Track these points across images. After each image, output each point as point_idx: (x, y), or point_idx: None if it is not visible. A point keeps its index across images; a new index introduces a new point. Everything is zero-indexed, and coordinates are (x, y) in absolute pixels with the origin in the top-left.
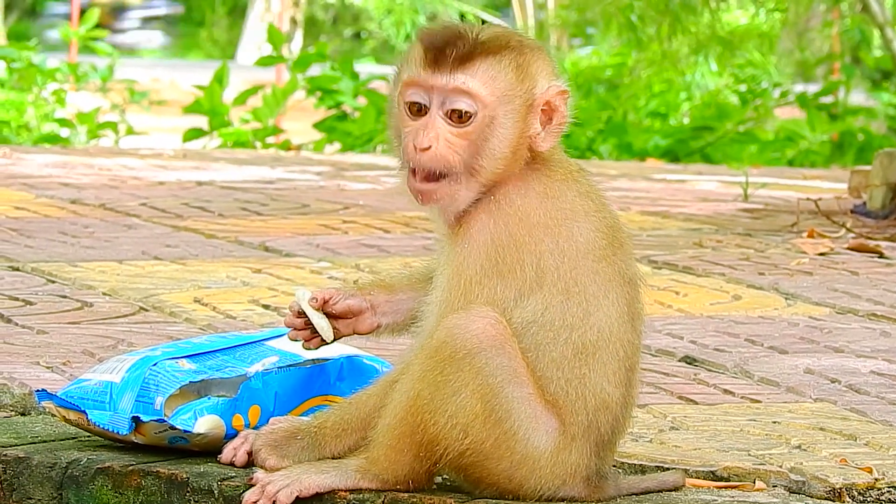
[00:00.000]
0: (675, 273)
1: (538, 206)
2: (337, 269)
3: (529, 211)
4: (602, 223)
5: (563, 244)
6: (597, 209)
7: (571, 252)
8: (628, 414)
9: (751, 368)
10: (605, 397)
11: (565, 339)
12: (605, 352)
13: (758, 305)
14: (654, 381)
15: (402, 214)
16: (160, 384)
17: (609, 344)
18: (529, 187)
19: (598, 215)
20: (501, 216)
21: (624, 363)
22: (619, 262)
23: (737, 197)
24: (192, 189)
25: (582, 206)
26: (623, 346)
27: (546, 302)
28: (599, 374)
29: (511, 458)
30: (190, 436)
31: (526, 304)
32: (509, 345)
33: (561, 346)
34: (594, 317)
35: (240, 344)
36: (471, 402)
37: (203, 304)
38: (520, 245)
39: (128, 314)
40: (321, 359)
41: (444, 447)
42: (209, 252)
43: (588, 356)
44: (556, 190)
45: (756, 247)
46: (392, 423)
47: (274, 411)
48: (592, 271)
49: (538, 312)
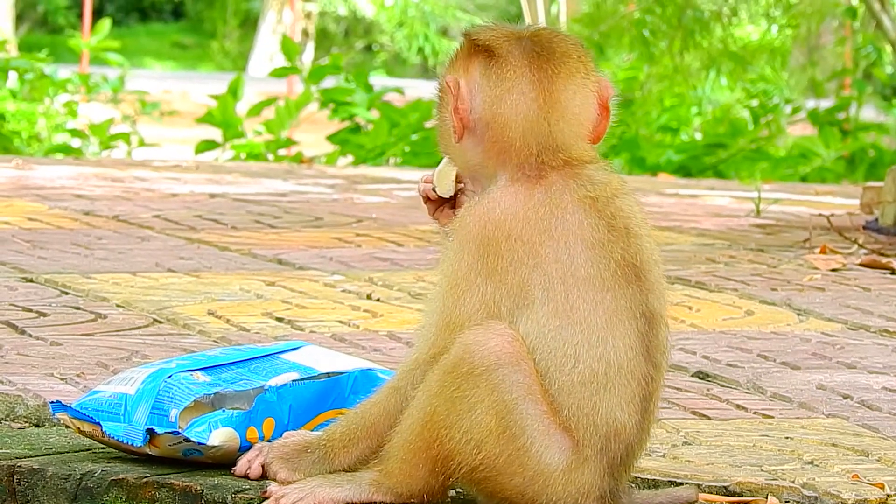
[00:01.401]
0: (687, 288)
1: (523, 216)
2: (350, 283)
3: (512, 218)
4: (610, 254)
5: (549, 265)
6: (609, 239)
7: (560, 274)
8: (644, 438)
9: (763, 384)
10: (617, 426)
11: (570, 369)
12: (617, 383)
13: (770, 321)
14: (666, 395)
15: (416, 228)
16: (175, 396)
17: (620, 376)
18: (524, 196)
19: (607, 245)
20: (487, 215)
21: (638, 393)
22: (630, 295)
23: (749, 212)
24: (205, 201)
25: (579, 232)
26: (637, 378)
27: (540, 323)
28: (611, 404)
29: (524, 473)
30: (204, 448)
31: (521, 321)
32: (525, 362)
33: (567, 375)
34: (599, 349)
35: (254, 357)
36: (486, 418)
37: (217, 317)
38: (499, 249)
39: (141, 326)
40: (335, 372)
41: (458, 462)
42: (223, 264)
43: (598, 386)
44: (552, 206)
45: (768, 262)
46: (408, 437)
47: (288, 424)
48: (595, 301)
49: (535, 333)
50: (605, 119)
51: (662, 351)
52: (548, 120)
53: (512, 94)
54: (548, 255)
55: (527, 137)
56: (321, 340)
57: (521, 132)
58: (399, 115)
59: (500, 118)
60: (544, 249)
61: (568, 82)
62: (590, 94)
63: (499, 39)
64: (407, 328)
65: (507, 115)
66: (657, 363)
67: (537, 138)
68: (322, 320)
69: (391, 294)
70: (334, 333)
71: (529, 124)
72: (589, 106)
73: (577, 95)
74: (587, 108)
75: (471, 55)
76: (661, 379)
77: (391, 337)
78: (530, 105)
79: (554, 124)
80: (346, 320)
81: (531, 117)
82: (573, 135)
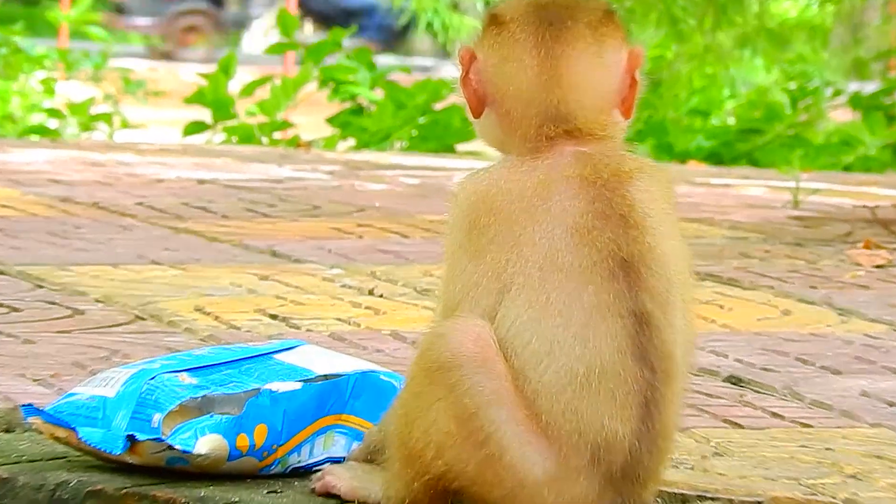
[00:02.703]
0: (718, 285)
1: (507, 189)
2: (351, 277)
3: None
4: (593, 244)
5: (527, 247)
6: (595, 227)
7: (536, 259)
8: (655, 450)
9: (801, 390)
10: (607, 434)
11: (545, 368)
12: (601, 387)
13: (809, 321)
14: (696, 402)
15: (423, 217)
16: (158, 400)
17: (604, 379)
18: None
19: (592, 234)
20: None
21: (633, 400)
22: (615, 291)
23: (786, 203)
24: (192, 188)
25: (561, 215)
26: (628, 382)
27: (515, 313)
28: (597, 410)
29: (502, 484)
30: (190, 456)
31: (500, 309)
32: (493, 363)
33: (542, 375)
34: (577, 348)
35: (245, 357)
36: (443, 420)
37: (205, 313)
38: (481, 224)
39: (123, 323)
40: (334, 374)
41: (423, 466)
42: (212, 256)
43: (578, 389)
44: (538, 182)
45: (807, 258)
46: (390, 433)
47: (282, 431)
48: (573, 294)
49: (509, 324)
50: (633, 90)
51: (663, 356)
52: (550, 87)
53: (511, 62)
54: (526, 235)
55: (528, 108)
56: (318, 340)
57: (522, 102)
58: (406, 95)
59: (501, 88)
60: (523, 229)
61: (578, 52)
62: (608, 62)
63: (512, 8)
64: (412, 327)
65: (506, 84)
66: (654, 368)
67: (538, 108)
68: (320, 318)
69: (395, 290)
70: (333, 332)
71: (530, 93)
72: (607, 74)
73: (588, 65)
74: (605, 76)
75: (485, 26)
76: (665, 385)
77: (395, 336)
78: (530, 72)
79: (559, 93)
80: (345, 318)
81: (531, 85)
82: (584, 105)
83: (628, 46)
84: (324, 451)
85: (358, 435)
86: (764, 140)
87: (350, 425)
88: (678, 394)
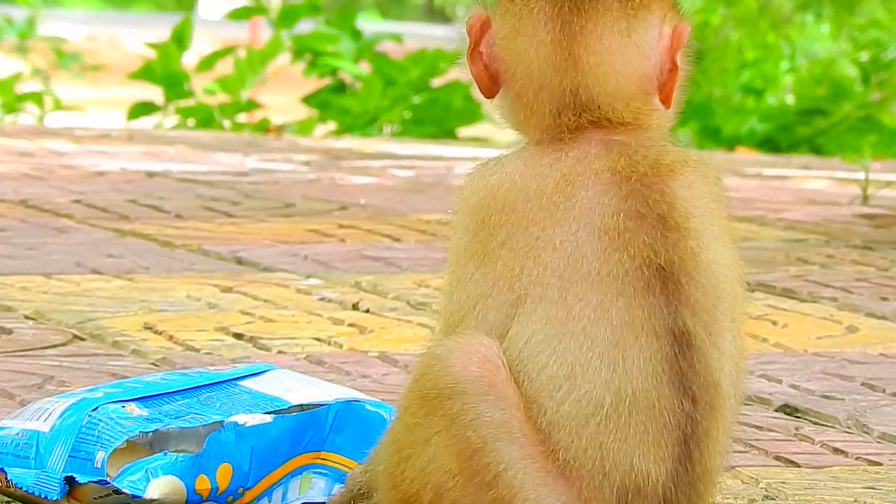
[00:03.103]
0: (771, 297)
1: (522, 185)
2: (331, 289)
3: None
4: (626, 248)
5: (546, 252)
6: (628, 228)
7: (557, 266)
8: (694, 494)
9: (869, 421)
10: (637, 476)
11: (565, 395)
12: (632, 420)
13: (879, 340)
14: (743, 436)
15: (417, 217)
16: (102, 435)
17: (635, 411)
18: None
19: (624, 236)
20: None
21: (669, 435)
22: (651, 305)
23: (854, 199)
24: (140, 182)
25: (588, 215)
26: (663, 415)
27: (530, 329)
28: (626, 446)
29: None
30: (140, 502)
31: (513, 324)
32: (501, 389)
33: (561, 404)
34: (604, 372)
35: (205, 384)
36: (444, 457)
37: (156, 332)
38: (491, 224)
39: (58, 344)
40: (312, 404)
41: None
42: (164, 264)
43: (606, 421)
44: (561, 177)
45: (878, 264)
46: (380, 471)
47: (250, 471)
48: (600, 307)
49: (523, 343)
50: (673, 73)
51: (706, 384)
52: (565, 70)
53: (522, 36)
54: (545, 238)
55: (539, 93)
56: (293, 363)
57: (534, 85)
58: (397, 69)
59: (511, 66)
60: (542, 231)
61: (601, 21)
62: (641, 40)
63: None
64: (404, 348)
65: (517, 62)
66: (696, 398)
67: (552, 94)
68: (293, 337)
69: (384, 304)
70: (309, 354)
71: (542, 76)
72: (638, 55)
73: (615, 40)
74: (635, 58)
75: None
76: (709, 419)
77: (383, 359)
78: (543, 50)
79: (575, 77)
80: (325, 337)
81: (543, 66)
82: (608, 91)
83: (672, 21)
84: (299, 495)
85: (340, 476)
86: (829, 123)
87: (330, 464)
88: (724, 430)
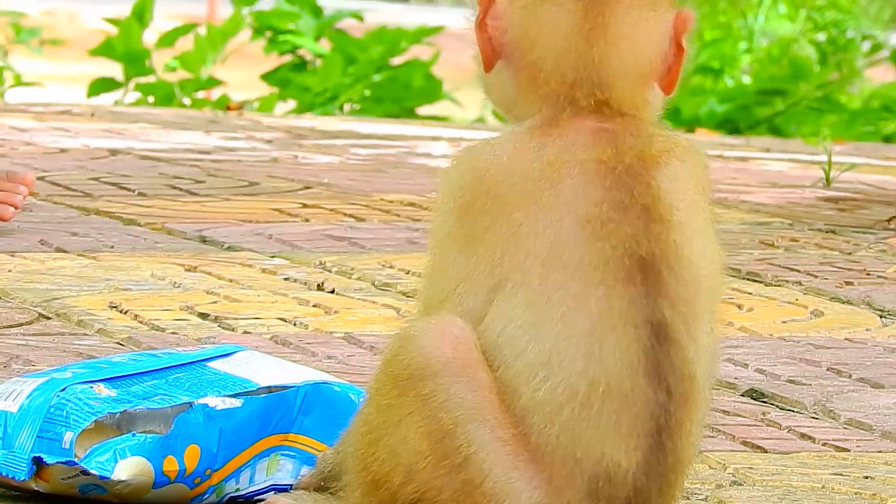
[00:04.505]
0: (736, 281)
1: (509, 168)
2: (296, 268)
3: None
4: (608, 238)
5: (528, 238)
6: (612, 219)
7: (539, 252)
8: (665, 484)
9: (835, 406)
10: (608, 465)
11: (540, 382)
12: (605, 408)
13: (844, 324)
14: (710, 421)
15: (381, 197)
16: (70, 416)
17: (612, 400)
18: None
19: (607, 226)
20: None
21: (641, 426)
22: (631, 296)
23: (817, 181)
24: (103, 159)
25: (573, 203)
26: (636, 405)
27: (510, 315)
28: (598, 435)
29: None
30: (108, 483)
31: (492, 309)
32: (474, 372)
33: (536, 390)
34: (580, 361)
35: (173, 365)
36: (415, 439)
37: (121, 312)
38: (476, 208)
39: (23, 323)
40: (280, 386)
41: (389, 493)
42: (128, 243)
43: (577, 409)
44: (549, 162)
45: (842, 247)
46: (350, 454)
47: (218, 453)
48: (580, 296)
49: (501, 328)
50: (679, 60)
51: (682, 376)
52: (592, 44)
53: (553, 16)
54: (529, 225)
55: (561, 62)
56: (258, 344)
57: (555, 54)
58: (357, 47)
59: (530, 34)
60: (525, 217)
61: (627, 8)
62: (654, 27)
63: None
64: (369, 329)
65: (544, 42)
66: (671, 390)
67: (574, 65)
68: (259, 317)
69: (349, 284)
70: (275, 335)
71: (569, 54)
72: (652, 41)
73: (636, 26)
74: (649, 44)
75: None
76: (683, 411)
77: (349, 340)
78: (570, 20)
79: (600, 51)
80: (290, 318)
81: (572, 46)
82: (625, 71)
83: (675, 6)
84: (267, 476)
85: (308, 458)
86: (788, 104)
87: (299, 447)
88: (697, 422)
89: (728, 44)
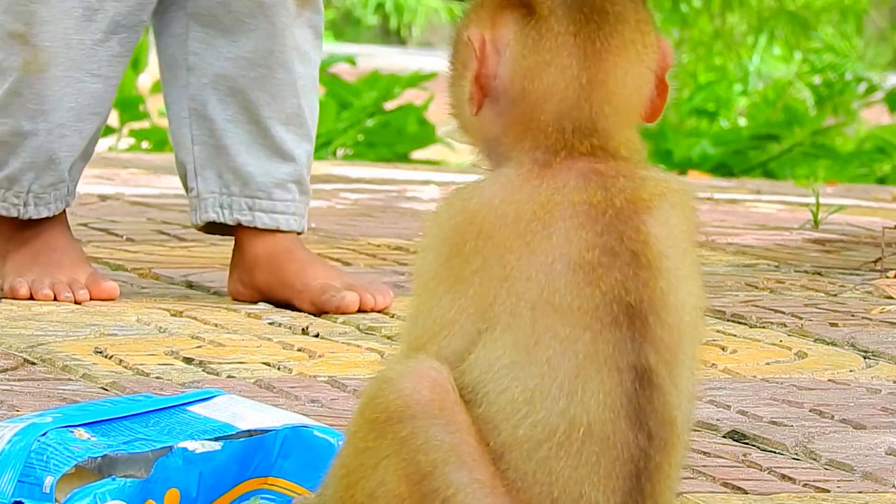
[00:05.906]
0: (721, 322)
1: (501, 211)
2: (281, 313)
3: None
4: (598, 284)
5: (519, 282)
6: (602, 264)
7: (530, 296)
8: None
9: (817, 448)
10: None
11: (521, 419)
12: (584, 449)
13: (828, 366)
14: (691, 462)
15: (367, 242)
16: (50, 460)
17: (592, 441)
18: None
19: (597, 272)
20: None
21: (620, 468)
22: (616, 341)
23: (804, 223)
24: (92, 205)
25: (565, 247)
26: (616, 447)
27: (495, 355)
28: (575, 474)
29: None
30: None
31: (476, 349)
32: (452, 413)
33: (516, 428)
34: (562, 401)
35: (154, 409)
36: (393, 481)
37: (106, 357)
38: (466, 250)
39: (7, 368)
40: (259, 430)
41: None
42: None
43: (555, 448)
44: (541, 205)
45: (827, 289)
46: (329, 497)
47: (198, 497)
48: (566, 339)
49: (485, 367)
50: (662, 96)
51: (663, 421)
52: (590, 101)
53: (551, 68)
54: (520, 268)
55: (561, 120)
56: (242, 388)
57: (556, 113)
58: (350, 92)
59: (532, 94)
60: (518, 260)
61: (621, 55)
62: (646, 69)
63: None
64: (354, 373)
65: (541, 92)
66: (652, 434)
67: (571, 115)
68: (243, 362)
69: (334, 328)
70: (259, 379)
71: (567, 105)
72: (643, 83)
73: (630, 71)
74: (641, 87)
75: (503, 7)
76: (662, 455)
77: (333, 384)
78: (571, 83)
79: (597, 107)
80: (274, 362)
81: (570, 98)
82: (618, 120)
83: (658, 43)
84: None
85: (287, 501)
86: (782, 148)
87: (278, 490)
88: (676, 465)
89: (723, 86)
